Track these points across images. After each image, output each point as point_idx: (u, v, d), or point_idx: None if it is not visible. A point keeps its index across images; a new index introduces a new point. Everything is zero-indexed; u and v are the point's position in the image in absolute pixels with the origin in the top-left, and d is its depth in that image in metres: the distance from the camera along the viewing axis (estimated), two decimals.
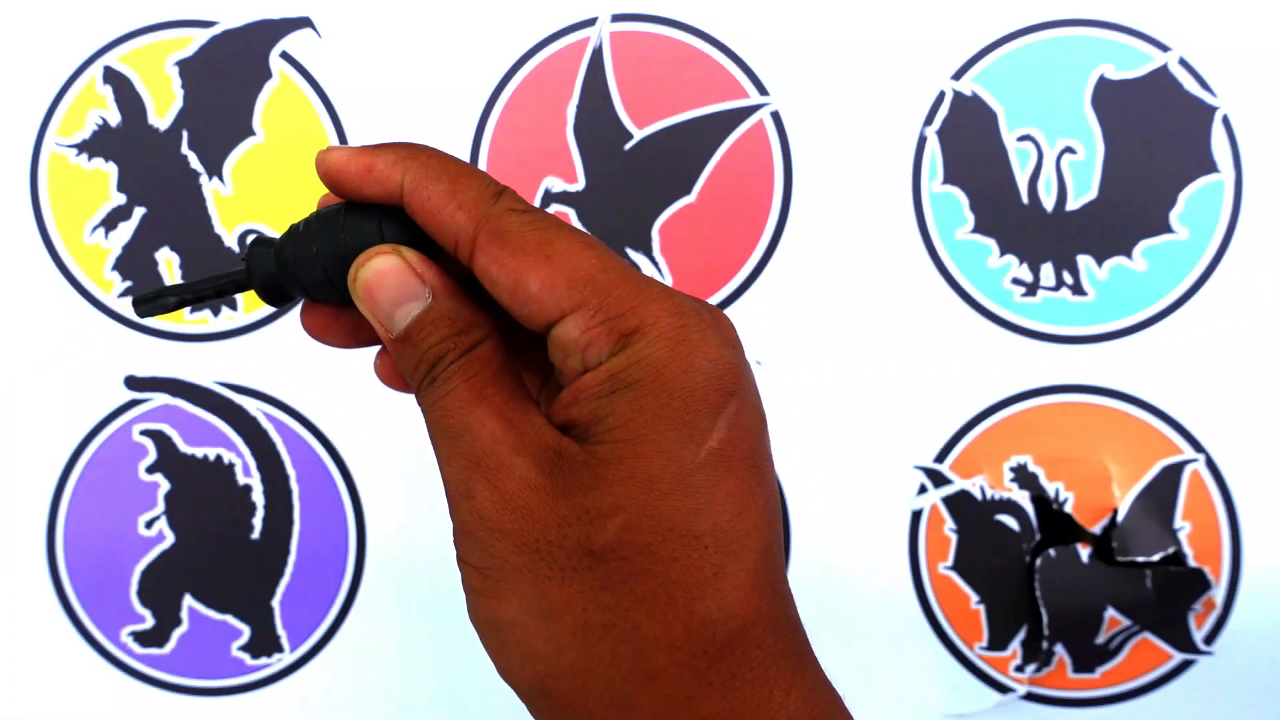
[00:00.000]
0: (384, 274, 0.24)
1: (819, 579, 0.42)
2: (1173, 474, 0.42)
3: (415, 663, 0.42)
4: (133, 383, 0.42)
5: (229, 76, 0.42)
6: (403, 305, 0.24)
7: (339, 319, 0.27)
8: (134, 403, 0.42)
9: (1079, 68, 0.42)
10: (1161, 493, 0.42)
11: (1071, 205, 0.42)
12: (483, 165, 0.42)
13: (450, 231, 0.24)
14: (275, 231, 0.42)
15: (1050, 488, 0.41)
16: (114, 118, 0.42)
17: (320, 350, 0.43)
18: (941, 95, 0.42)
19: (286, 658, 0.42)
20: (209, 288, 0.27)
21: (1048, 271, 0.42)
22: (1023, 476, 0.42)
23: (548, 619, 0.23)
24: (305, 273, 0.25)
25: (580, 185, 0.41)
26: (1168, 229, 0.42)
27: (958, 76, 0.42)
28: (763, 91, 0.42)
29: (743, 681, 0.23)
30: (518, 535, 0.23)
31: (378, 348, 0.27)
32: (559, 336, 0.23)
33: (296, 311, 0.42)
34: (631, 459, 0.23)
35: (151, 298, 0.27)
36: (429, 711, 0.42)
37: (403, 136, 0.42)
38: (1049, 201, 0.42)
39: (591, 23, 0.41)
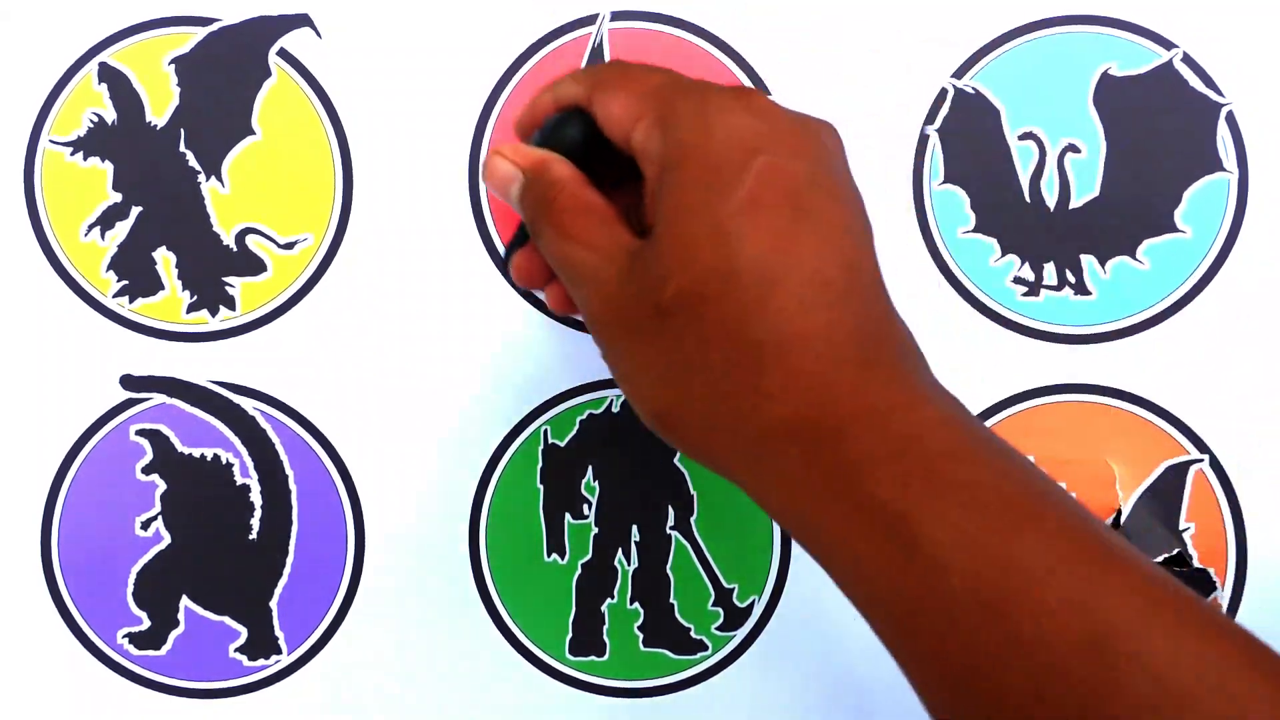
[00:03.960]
0: (491, 169, 0.33)
1: (820, 580, 0.42)
2: (1177, 474, 0.41)
3: (414, 664, 0.42)
4: (129, 382, 0.42)
5: (227, 74, 0.41)
6: (509, 188, 0.32)
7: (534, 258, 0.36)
8: (130, 402, 0.42)
9: (1082, 65, 0.41)
10: (1166, 493, 0.41)
11: (1074, 204, 0.42)
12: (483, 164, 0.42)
13: (577, 101, 0.32)
14: (275, 231, 0.41)
15: None
16: (110, 115, 0.41)
17: (319, 350, 0.43)
18: (943, 93, 0.42)
19: (284, 659, 0.42)
20: (515, 240, 0.37)
21: (1050, 270, 0.42)
22: None
23: (646, 370, 0.29)
24: None
25: None
26: (1172, 228, 0.41)
27: (960, 74, 0.42)
28: (764, 90, 0.41)
29: (800, 389, 0.26)
30: (615, 320, 0.29)
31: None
32: (635, 146, 0.30)
33: (295, 311, 0.42)
34: (675, 226, 0.27)
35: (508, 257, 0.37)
36: (428, 713, 0.42)
37: (403, 135, 0.42)
38: (1051, 200, 0.42)
39: (592, 20, 0.41)
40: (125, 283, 0.42)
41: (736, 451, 0.28)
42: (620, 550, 0.42)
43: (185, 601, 0.42)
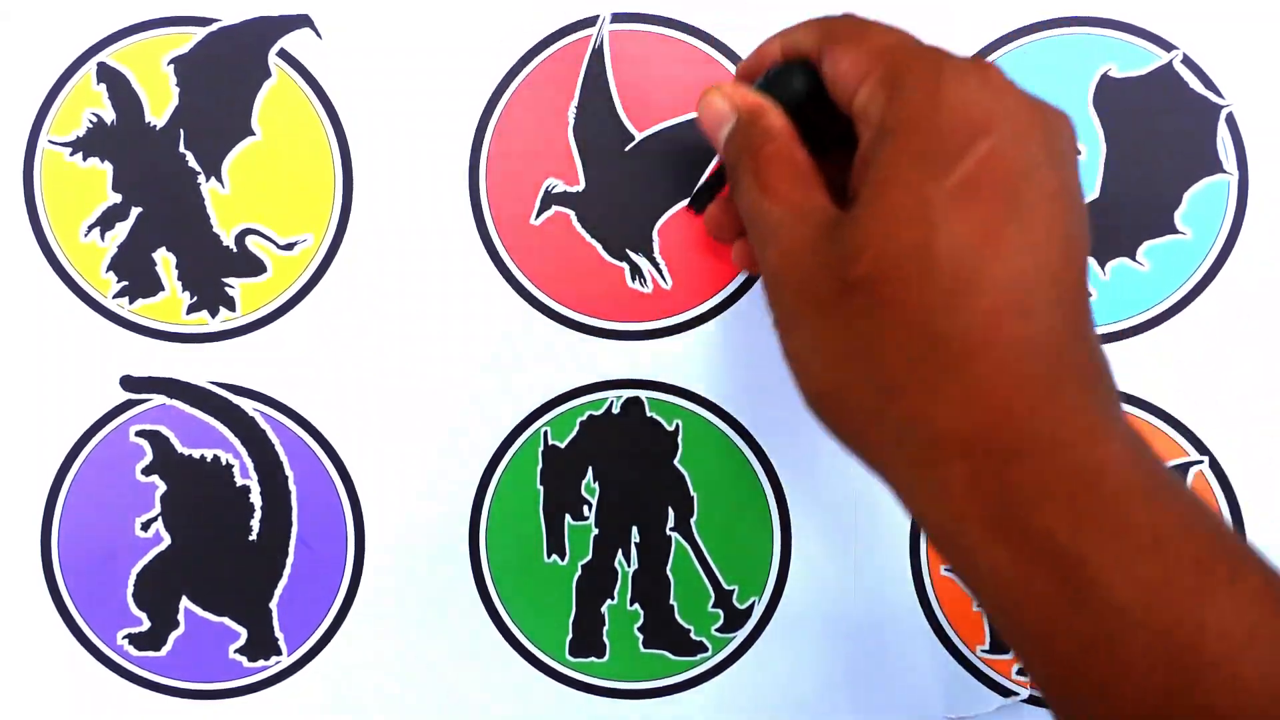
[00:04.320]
0: (706, 105, 0.32)
1: (819, 580, 0.42)
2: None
3: (414, 664, 0.42)
4: (129, 383, 0.42)
5: (226, 75, 0.41)
6: (719, 128, 0.31)
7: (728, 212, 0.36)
8: (130, 403, 0.42)
9: (1082, 67, 0.41)
10: None
11: None
12: (483, 166, 0.41)
13: (806, 52, 0.30)
14: (275, 232, 0.41)
15: None
16: (109, 116, 0.41)
17: (319, 350, 0.43)
18: None
19: (285, 660, 0.42)
20: (711, 181, 0.37)
21: None
22: None
23: (817, 347, 0.27)
24: None
25: (580, 186, 0.41)
26: (1172, 229, 0.41)
27: None
28: None
29: (979, 401, 0.24)
30: (794, 283, 0.27)
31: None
32: (856, 107, 0.28)
33: (295, 312, 0.42)
34: (881, 198, 0.25)
35: (700, 196, 0.38)
36: (428, 713, 0.42)
37: (403, 137, 0.42)
38: None
39: (592, 23, 0.41)
40: (125, 283, 0.42)
41: (896, 453, 0.26)
42: (620, 551, 0.42)
43: (185, 602, 0.42)
